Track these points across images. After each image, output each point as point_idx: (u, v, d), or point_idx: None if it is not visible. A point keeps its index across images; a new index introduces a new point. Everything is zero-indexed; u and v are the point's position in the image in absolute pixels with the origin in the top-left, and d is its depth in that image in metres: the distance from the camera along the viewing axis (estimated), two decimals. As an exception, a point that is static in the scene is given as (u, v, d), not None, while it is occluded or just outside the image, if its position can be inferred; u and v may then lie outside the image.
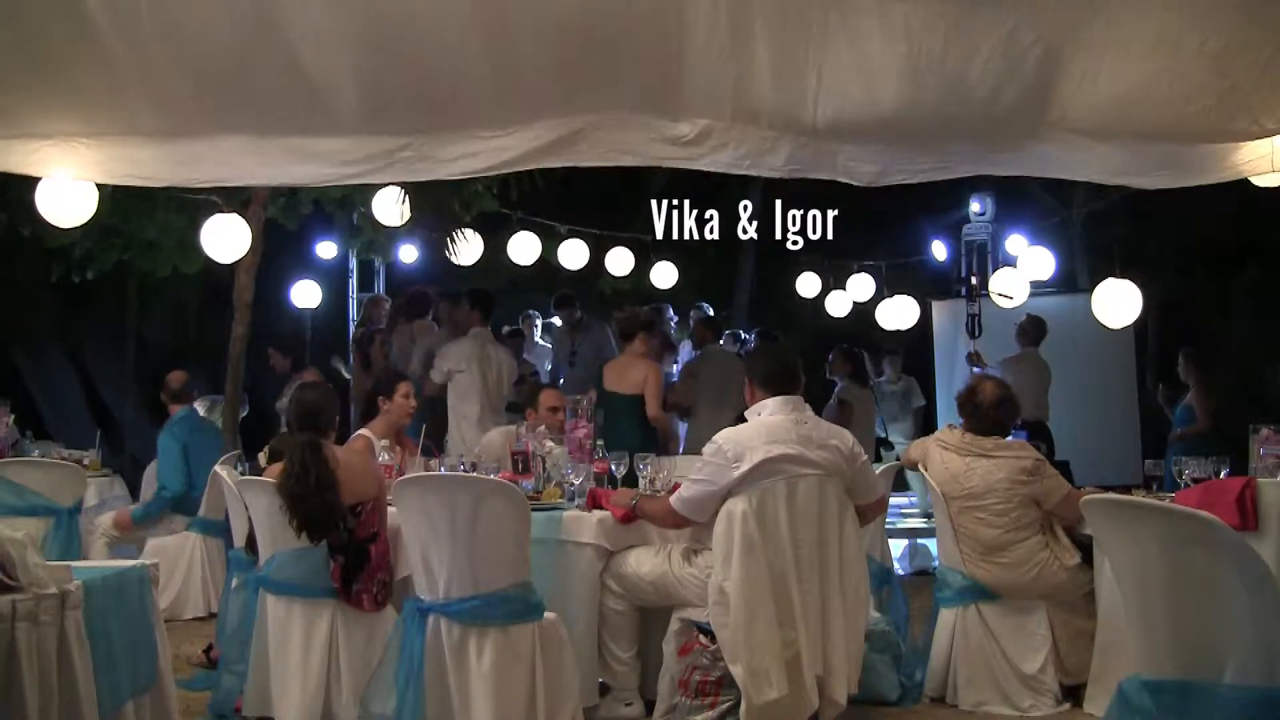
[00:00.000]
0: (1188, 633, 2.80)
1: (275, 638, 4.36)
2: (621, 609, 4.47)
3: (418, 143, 4.78)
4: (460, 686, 3.95)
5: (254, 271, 7.90)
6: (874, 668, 4.62)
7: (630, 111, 4.68)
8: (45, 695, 2.81)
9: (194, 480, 6.63)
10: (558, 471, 4.85)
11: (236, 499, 4.95)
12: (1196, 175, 4.84)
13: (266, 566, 4.44)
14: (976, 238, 11.16)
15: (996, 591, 4.77)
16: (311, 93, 4.41)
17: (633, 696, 4.49)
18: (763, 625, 3.97)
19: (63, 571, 3.01)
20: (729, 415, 7.23)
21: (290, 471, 4.21)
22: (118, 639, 3.16)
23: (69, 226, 5.54)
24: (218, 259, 6.58)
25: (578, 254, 10.30)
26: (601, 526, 4.49)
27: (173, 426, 6.82)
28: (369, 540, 4.31)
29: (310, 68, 4.29)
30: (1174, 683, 2.80)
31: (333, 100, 4.48)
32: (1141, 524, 2.93)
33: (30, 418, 9.19)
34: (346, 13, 4.16)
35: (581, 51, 4.30)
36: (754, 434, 4.14)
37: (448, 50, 4.29)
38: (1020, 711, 4.67)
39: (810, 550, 4.09)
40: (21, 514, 6.00)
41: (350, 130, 4.70)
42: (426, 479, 4.22)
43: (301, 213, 9.06)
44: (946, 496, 4.86)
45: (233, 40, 4.23)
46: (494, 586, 3.94)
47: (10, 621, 2.76)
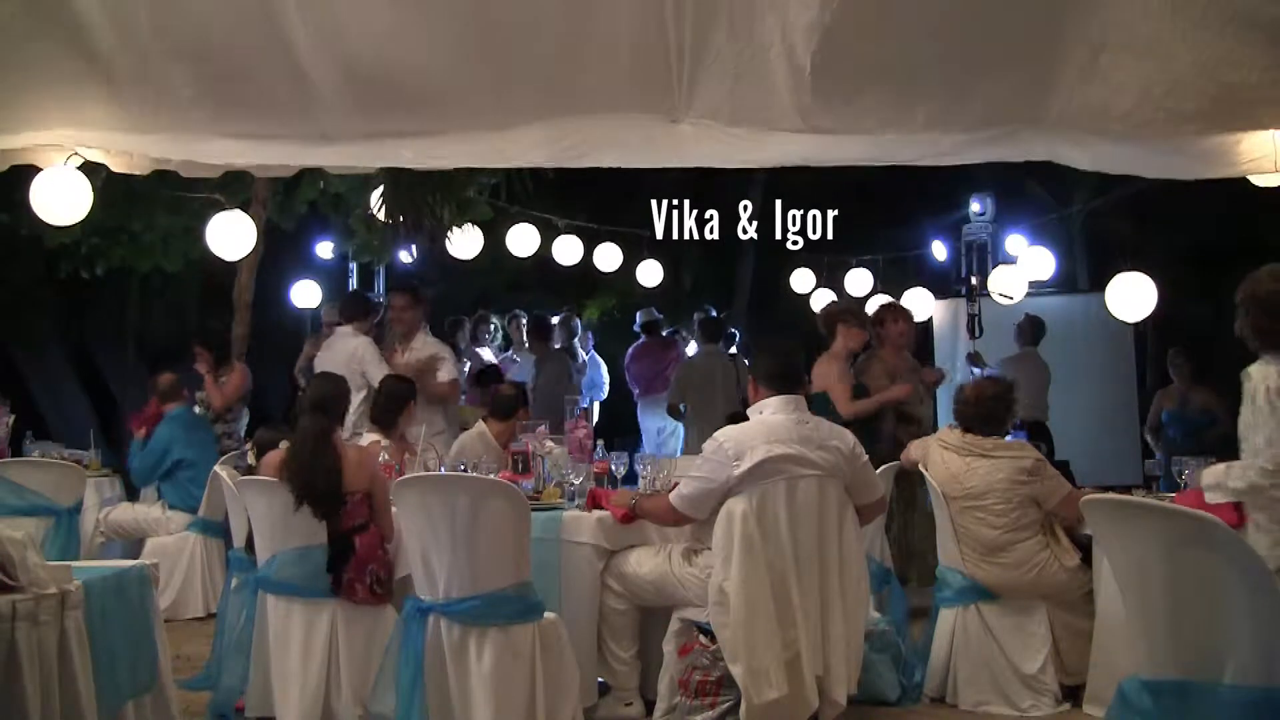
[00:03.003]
0: (1188, 633, 2.80)
1: (275, 638, 4.37)
2: (621, 609, 4.47)
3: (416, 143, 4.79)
4: (460, 686, 3.95)
5: (254, 271, 7.91)
6: (874, 668, 4.62)
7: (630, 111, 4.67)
8: (45, 695, 2.82)
9: (194, 479, 6.64)
10: (558, 471, 4.86)
11: (236, 499, 4.95)
12: (1199, 169, 4.81)
13: (266, 567, 4.44)
14: (976, 237, 11.14)
15: (996, 592, 4.77)
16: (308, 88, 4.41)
17: (632, 696, 4.49)
18: (763, 625, 3.97)
19: (63, 571, 3.02)
20: (718, 416, 7.24)
21: (298, 452, 4.33)
22: (118, 639, 3.17)
23: (64, 224, 5.55)
24: (223, 256, 6.57)
25: (572, 250, 10.29)
26: (601, 526, 4.50)
27: (165, 423, 6.85)
28: (354, 531, 4.35)
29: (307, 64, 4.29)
30: (1174, 683, 2.81)
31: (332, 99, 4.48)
32: (1141, 524, 2.94)
33: (30, 418, 9.18)
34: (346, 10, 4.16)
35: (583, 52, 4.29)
36: (755, 433, 4.15)
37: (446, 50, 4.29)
38: (1020, 711, 4.67)
39: (810, 550, 4.09)
40: (21, 514, 5.99)
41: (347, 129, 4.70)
42: (426, 479, 4.22)
43: (297, 213, 9.07)
44: (947, 496, 4.86)
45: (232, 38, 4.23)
46: (494, 586, 3.94)
47: (10, 621, 2.76)
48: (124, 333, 12.30)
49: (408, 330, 7.03)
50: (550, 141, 4.73)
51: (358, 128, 4.70)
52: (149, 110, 4.53)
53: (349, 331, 7.02)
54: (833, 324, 6.65)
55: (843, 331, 6.59)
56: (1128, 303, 6.24)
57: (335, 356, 6.83)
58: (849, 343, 6.61)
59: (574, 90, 4.48)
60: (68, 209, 5.24)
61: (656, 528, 4.53)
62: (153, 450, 6.74)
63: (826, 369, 6.51)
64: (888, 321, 6.94)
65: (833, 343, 6.61)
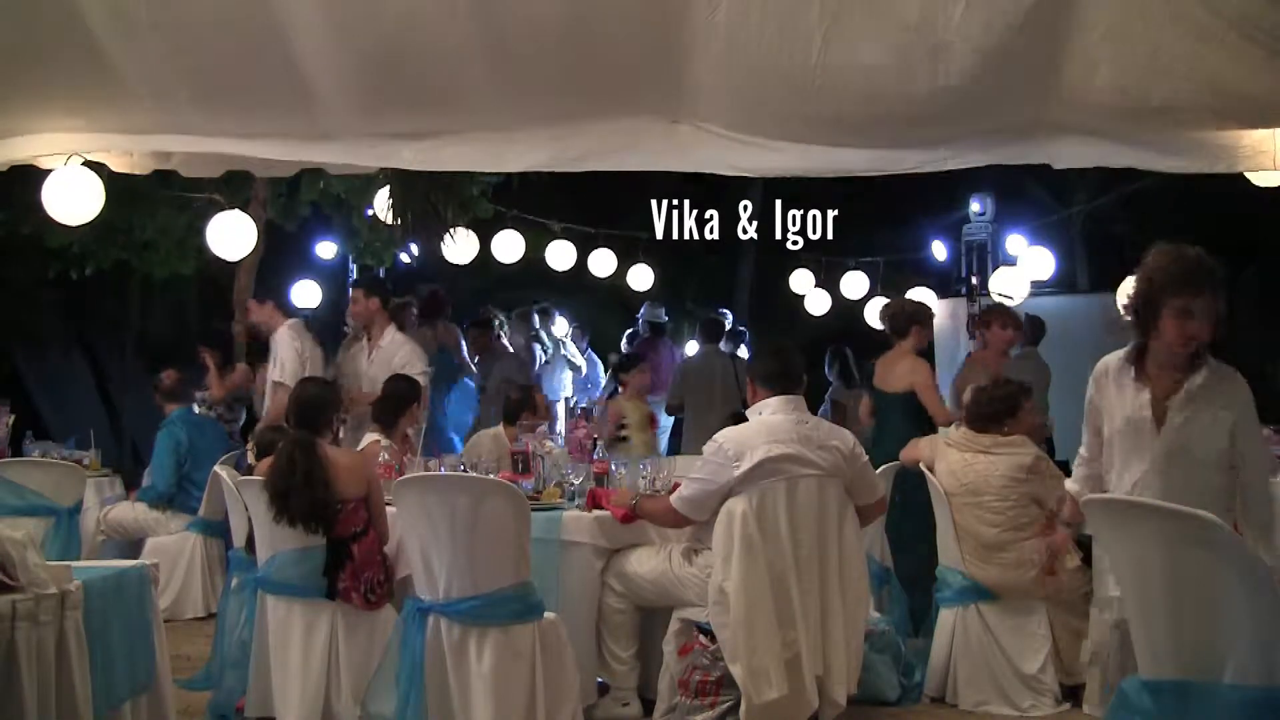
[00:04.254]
0: (1188, 633, 2.80)
1: (275, 638, 4.37)
2: (621, 609, 4.47)
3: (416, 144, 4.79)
4: (460, 686, 3.95)
5: (254, 271, 7.90)
6: (874, 668, 4.62)
7: (631, 115, 4.68)
8: (44, 695, 2.81)
9: (194, 479, 6.63)
10: (558, 471, 4.86)
11: (236, 499, 4.95)
12: (1199, 164, 4.81)
13: (266, 567, 4.44)
14: (976, 237, 11.15)
15: (996, 591, 4.77)
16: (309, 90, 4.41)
17: (631, 696, 4.48)
18: (763, 625, 3.96)
19: (63, 571, 3.01)
20: (717, 416, 7.22)
21: (279, 465, 4.28)
22: (117, 639, 3.16)
23: (76, 223, 5.55)
24: (224, 256, 6.57)
25: (565, 255, 10.27)
26: (601, 526, 4.50)
27: (169, 425, 6.83)
28: (351, 539, 4.33)
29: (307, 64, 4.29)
30: (1174, 683, 2.80)
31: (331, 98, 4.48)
32: (1141, 524, 2.93)
33: (30, 418, 9.18)
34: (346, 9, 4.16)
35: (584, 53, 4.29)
36: (755, 433, 4.15)
37: (448, 51, 4.29)
38: (1020, 711, 4.67)
39: (810, 550, 4.09)
40: (21, 514, 6.00)
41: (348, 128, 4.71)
42: (426, 479, 4.22)
43: (300, 214, 9.06)
44: (947, 494, 4.86)
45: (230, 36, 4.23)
46: (494, 586, 3.94)
47: (10, 621, 2.76)
48: (124, 333, 12.30)
49: (367, 325, 6.69)
50: (551, 143, 4.74)
51: (358, 127, 4.71)
52: (149, 109, 4.54)
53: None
54: (907, 322, 6.25)
55: (915, 331, 6.23)
56: None
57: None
58: (920, 343, 6.28)
59: (575, 93, 4.49)
60: (80, 208, 5.26)
61: (656, 528, 4.54)
62: (161, 453, 6.73)
63: (914, 365, 6.15)
64: (995, 325, 6.57)
65: (902, 341, 6.24)
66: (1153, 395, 3.45)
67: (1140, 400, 3.46)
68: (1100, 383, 3.60)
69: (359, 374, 6.63)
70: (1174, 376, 3.43)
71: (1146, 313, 3.44)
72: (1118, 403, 3.53)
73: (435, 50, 4.25)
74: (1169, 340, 3.39)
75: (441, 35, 4.18)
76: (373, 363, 6.59)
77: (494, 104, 4.55)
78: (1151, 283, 3.42)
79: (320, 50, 4.24)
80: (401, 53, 4.27)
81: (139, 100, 4.52)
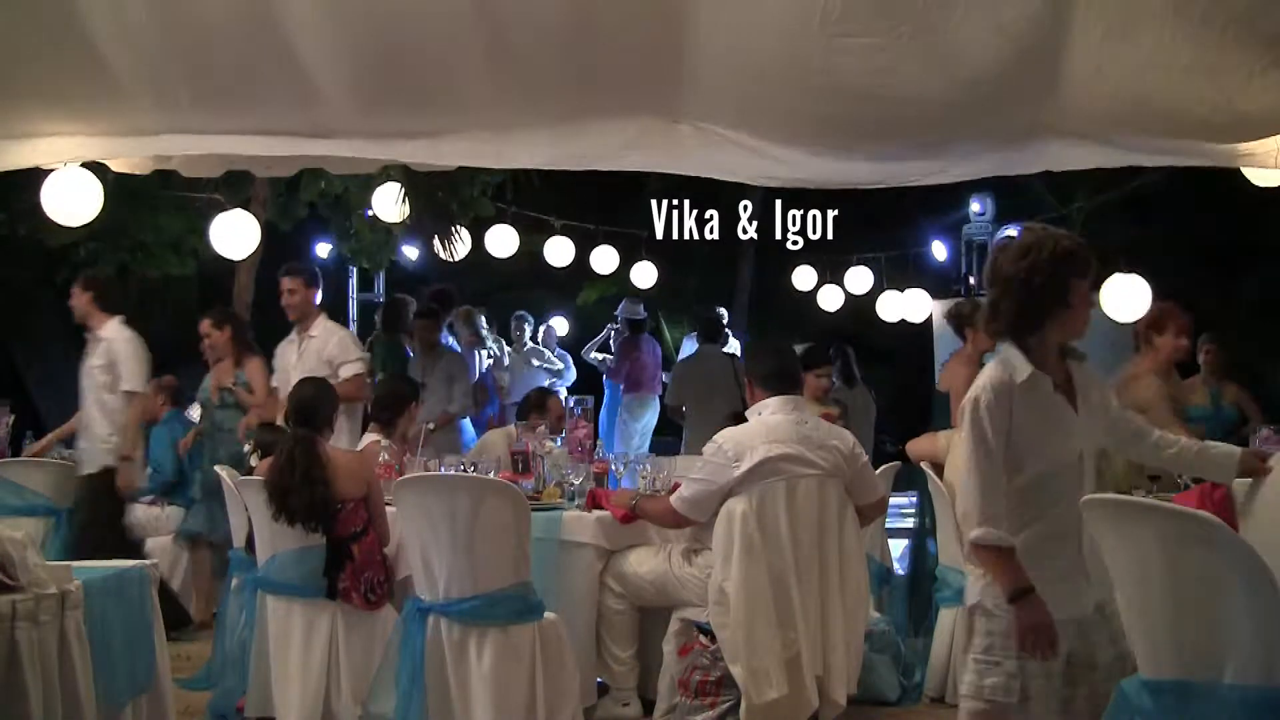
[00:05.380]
0: (1188, 633, 2.79)
1: (275, 638, 4.37)
2: (621, 609, 4.47)
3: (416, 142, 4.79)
4: (460, 686, 3.95)
5: (254, 271, 7.90)
6: (874, 668, 4.63)
7: (631, 113, 4.68)
8: (46, 694, 2.81)
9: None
10: (558, 471, 4.86)
11: (236, 499, 4.95)
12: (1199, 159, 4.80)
13: (266, 567, 4.44)
14: (977, 237, 11.16)
15: (996, 591, 4.76)
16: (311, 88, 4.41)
17: (631, 696, 4.49)
18: (763, 625, 3.96)
19: (63, 571, 3.01)
20: (718, 416, 7.20)
21: (279, 464, 4.29)
22: (117, 639, 3.16)
23: (75, 224, 5.56)
24: (227, 255, 6.57)
25: (564, 251, 10.25)
26: (601, 526, 4.50)
27: (166, 422, 6.92)
28: (350, 539, 4.33)
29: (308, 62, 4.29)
30: (1174, 683, 2.80)
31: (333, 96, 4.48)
32: (1141, 524, 2.93)
33: (30, 418, 9.18)
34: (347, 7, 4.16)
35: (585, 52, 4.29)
36: (754, 433, 4.15)
37: (449, 49, 4.29)
38: (1020, 711, 4.67)
39: (810, 550, 4.09)
40: (21, 514, 6.01)
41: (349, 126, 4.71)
42: (426, 479, 4.22)
43: (297, 215, 9.06)
44: (949, 492, 4.86)
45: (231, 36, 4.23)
46: (494, 586, 3.94)
47: (10, 621, 2.76)
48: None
49: (300, 316, 6.38)
50: (551, 142, 4.74)
51: (359, 125, 4.71)
52: (150, 110, 4.54)
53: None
54: (961, 325, 5.92)
55: (971, 335, 5.81)
56: (1121, 304, 6.31)
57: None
58: (980, 346, 5.69)
59: (576, 92, 4.48)
60: (79, 209, 5.26)
61: (656, 528, 4.54)
62: (161, 441, 6.75)
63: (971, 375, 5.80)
64: (1168, 332, 5.43)
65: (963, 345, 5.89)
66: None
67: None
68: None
69: (287, 369, 6.20)
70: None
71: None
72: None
73: (436, 48, 4.25)
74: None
75: (443, 33, 4.18)
76: (303, 356, 6.25)
77: (495, 102, 4.55)
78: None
79: (321, 49, 4.24)
80: (402, 51, 4.27)
81: (139, 102, 4.52)
